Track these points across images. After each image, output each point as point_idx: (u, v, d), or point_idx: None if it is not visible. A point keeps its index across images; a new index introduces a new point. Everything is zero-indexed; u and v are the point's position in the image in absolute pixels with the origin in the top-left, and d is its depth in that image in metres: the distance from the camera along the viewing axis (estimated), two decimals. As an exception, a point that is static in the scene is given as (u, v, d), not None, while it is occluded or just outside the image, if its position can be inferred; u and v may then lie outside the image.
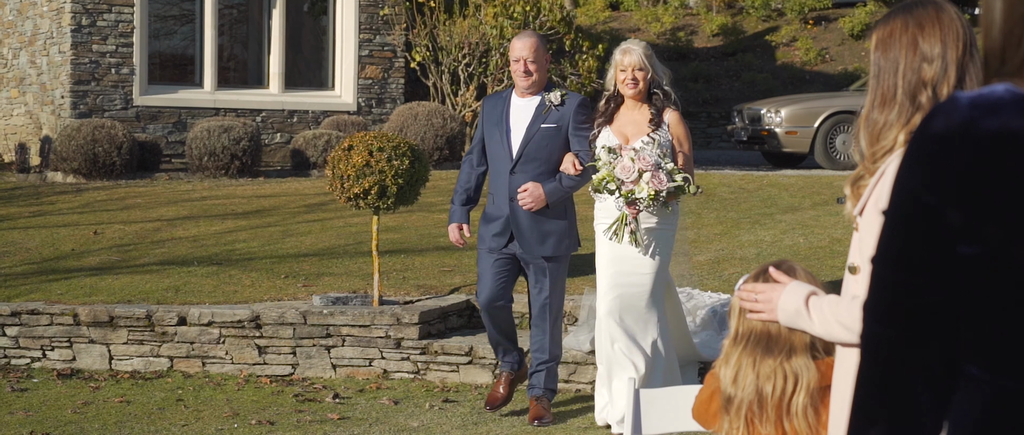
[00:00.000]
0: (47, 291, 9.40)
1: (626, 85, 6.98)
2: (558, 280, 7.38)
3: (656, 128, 6.94)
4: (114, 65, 15.41)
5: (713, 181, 13.86)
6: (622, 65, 7.01)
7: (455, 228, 7.55)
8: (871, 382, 1.94)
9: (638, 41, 7.26)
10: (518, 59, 7.26)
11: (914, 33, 2.96)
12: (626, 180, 6.66)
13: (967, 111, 1.83)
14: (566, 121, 7.23)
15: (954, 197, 1.82)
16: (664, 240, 7.05)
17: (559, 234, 7.30)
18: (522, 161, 7.26)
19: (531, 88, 7.30)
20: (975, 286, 1.84)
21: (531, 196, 7.19)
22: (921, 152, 1.86)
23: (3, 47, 17.48)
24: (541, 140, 7.25)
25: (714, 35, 28.27)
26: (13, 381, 8.40)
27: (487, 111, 7.52)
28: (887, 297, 1.92)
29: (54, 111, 15.75)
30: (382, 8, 16.54)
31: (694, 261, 9.96)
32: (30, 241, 11.08)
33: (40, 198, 13.22)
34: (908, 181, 1.88)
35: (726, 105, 23.15)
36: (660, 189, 6.65)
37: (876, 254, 1.93)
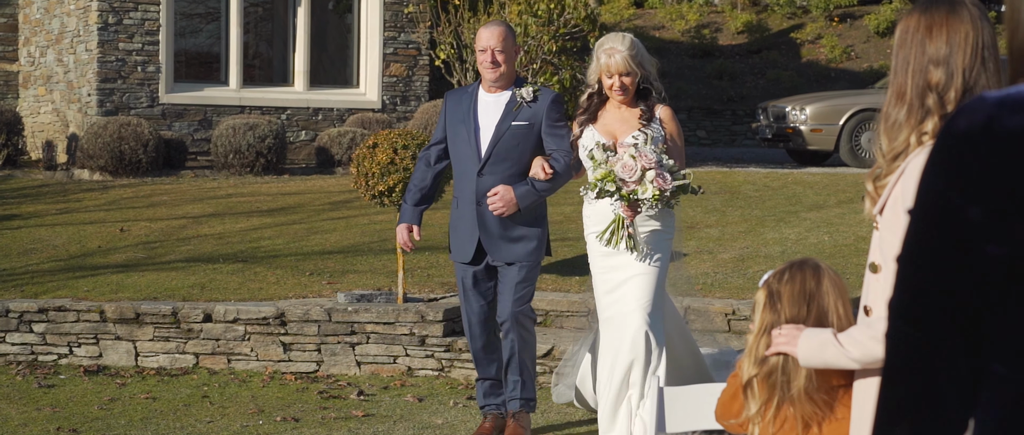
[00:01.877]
0: (74, 288, 9.45)
1: (614, 92, 6.32)
2: (527, 286, 6.79)
3: (648, 123, 6.32)
4: (140, 63, 15.47)
5: (737, 179, 13.84)
6: (607, 70, 6.31)
7: (404, 229, 6.96)
8: (897, 380, 1.95)
9: (622, 36, 6.44)
10: (484, 49, 6.67)
11: (924, 34, 2.95)
12: (628, 180, 6.06)
13: (991, 109, 1.83)
14: (539, 118, 6.66)
15: (977, 196, 1.82)
16: (663, 245, 6.46)
17: (530, 239, 6.75)
18: (491, 162, 6.68)
19: (499, 82, 6.69)
20: (1000, 284, 1.84)
21: (502, 200, 6.60)
22: (945, 151, 1.87)
23: (30, 45, 17.57)
24: (512, 139, 6.67)
25: (739, 32, 28.21)
26: (40, 377, 8.45)
27: (450, 107, 6.89)
28: (913, 296, 1.92)
29: (81, 109, 15.83)
30: (407, 6, 16.56)
31: (718, 259, 9.96)
32: (57, 238, 11.14)
33: (67, 195, 13.29)
34: (933, 180, 1.88)
35: (751, 103, 23.11)
36: (665, 188, 6.08)
37: (902, 253, 1.93)
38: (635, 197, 6.09)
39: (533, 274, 6.84)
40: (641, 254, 6.33)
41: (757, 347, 3.58)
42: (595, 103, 6.41)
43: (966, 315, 1.89)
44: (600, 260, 6.43)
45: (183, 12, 16.52)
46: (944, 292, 1.89)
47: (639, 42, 6.41)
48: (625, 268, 6.35)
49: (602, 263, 6.43)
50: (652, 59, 6.47)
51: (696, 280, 9.38)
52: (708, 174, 14.54)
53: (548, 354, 8.32)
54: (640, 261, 6.34)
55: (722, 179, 13.86)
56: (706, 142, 24.26)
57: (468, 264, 6.82)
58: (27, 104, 17.60)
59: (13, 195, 13.31)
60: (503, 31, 6.70)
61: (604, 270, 6.42)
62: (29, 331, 8.90)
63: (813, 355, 3.30)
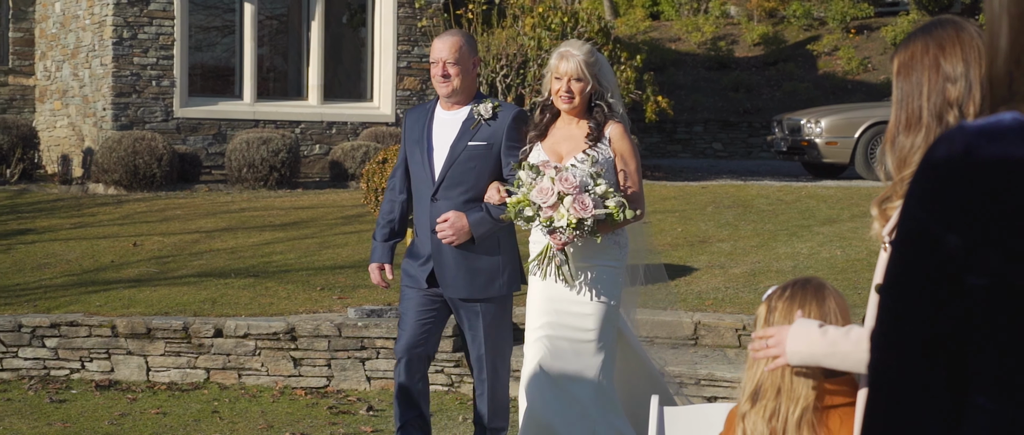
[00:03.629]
0: (86, 302, 9.48)
1: (560, 98, 5.82)
2: (495, 327, 6.11)
3: (594, 142, 5.77)
4: (155, 77, 15.53)
5: (750, 192, 13.83)
6: (557, 72, 5.82)
7: (375, 269, 6.29)
8: (878, 413, 1.94)
9: (581, 43, 6.01)
10: (436, 61, 6.01)
11: (936, 54, 2.95)
12: (543, 205, 5.48)
13: (970, 138, 1.82)
14: (498, 138, 6.01)
15: (956, 225, 1.81)
16: (608, 278, 5.78)
17: (491, 272, 6.03)
18: (445, 185, 6.02)
19: (454, 97, 6.04)
20: (982, 316, 1.83)
21: (451, 228, 5.94)
22: (925, 180, 1.86)
23: (46, 59, 17.65)
24: (468, 161, 6.01)
25: (755, 44, 28.19)
26: (52, 392, 8.48)
27: (408, 127, 6.25)
28: (894, 327, 1.91)
29: (96, 123, 15.89)
30: (420, 20, 16.59)
31: (729, 273, 9.94)
32: (70, 252, 11.18)
33: (81, 209, 13.33)
34: (913, 209, 1.88)
35: (767, 115, 23.09)
36: (583, 217, 5.45)
37: (883, 283, 1.92)
38: (552, 224, 5.52)
39: (502, 314, 6.14)
40: (578, 286, 5.74)
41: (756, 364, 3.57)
42: (547, 119, 5.92)
43: (949, 346, 1.88)
44: (540, 289, 5.85)
45: (199, 25, 16.58)
46: (925, 323, 1.88)
47: (602, 57, 6.00)
48: (566, 306, 5.78)
49: (542, 292, 5.84)
50: (614, 80, 5.97)
51: (706, 295, 9.37)
52: (721, 187, 14.53)
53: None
54: (580, 294, 5.74)
55: (735, 192, 13.84)
56: (722, 155, 24.24)
57: (420, 290, 6.14)
58: (43, 118, 17.67)
59: (28, 209, 13.36)
60: (457, 41, 6.04)
61: (544, 300, 5.83)
62: (41, 346, 8.94)
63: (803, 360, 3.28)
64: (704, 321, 8.78)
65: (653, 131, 23.64)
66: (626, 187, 5.79)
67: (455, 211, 5.96)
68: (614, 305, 5.80)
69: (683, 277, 9.88)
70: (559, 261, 5.67)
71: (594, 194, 5.51)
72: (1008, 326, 1.82)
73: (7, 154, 15.05)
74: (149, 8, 15.45)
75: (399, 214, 6.29)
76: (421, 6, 16.53)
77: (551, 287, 5.77)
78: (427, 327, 6.12)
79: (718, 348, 8.64)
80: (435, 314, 6.15)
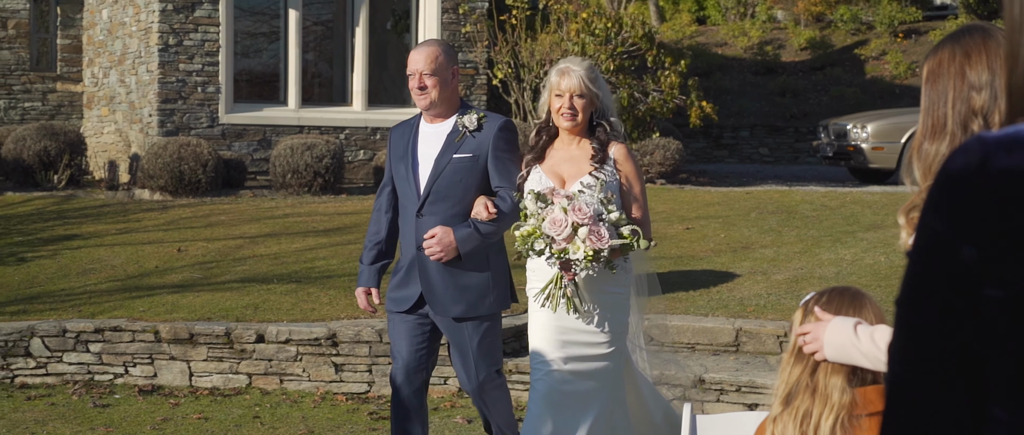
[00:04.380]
0: (130, 308, 9.55)
1: (562, 116, 5.53)
2: (487, 347, 5.85)
3: (600, 165, 5.50)
4: (200, 84, 15.63)
5: (795, 198, 13.75)
6: (558, 88, 5.55)
7: (362, 293, 6.05)
8: (896, 426, 1.92)
9: (581, 60, 5.72)
10: (412, 73, 5.76)
11: (961, 62, 2.92)
12: (557, 237, 5.21)
13: (986, 149, 1.80)
14: (484, 149, 5.74)
15: (973, 236, 1.80)
16: (616, 304, 5.57)
17: (480, 289, 5.79)
18: (430, 200, 5.77)
19: (434, 109, 5.79)
20: (1000, 327, 1.82)
21: (439, 244, 5.69)
22: (941, 191, 1.84)
23: (94, 66, 17.81)
24: (453, 174, 5.75)
25: (802, 49, 28.06)
26: (95, 397, 8.55)
27: (394, 141, 6.01)
28: (911, 340, 1.90)
29: (142, 129, 16.01)
30: (464, 26, 16.62)
31: (772, 280, 9.89)
32: (116, 258, 11.26)
33: (127, 215, 13.44)
34: (930, 220, 1.86)
35: (814, 120, 22.97)
36: (600, 248, 5.19)
37: (900, 295, 1.91)
38: (566, 257, 5.25)
39: (493, 334, 5.88)
40: (587, 316, 5.49)
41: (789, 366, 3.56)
42: (544, 140, 5.64)
43: (967, 359, 1.86)
44: (542, 319, 5.58)
45: (246, 31, 16.67)
46: (943, 335, 1.87)
47: (600, 74, 5.74)
48: (574, 336, 5.52)
49: (544, 323, 5.57)
50: (611, 97, 5.74)
51: (748, 302, 9.32)
52: (766, 193, 14.46)
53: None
54: (589, 323, 5.50)
55: (779, 198, 13.77)
56: (768, 160, 24.13)
57: (404, 313, 5.90)
58: (91, 124, 17.83)
59: (75, 215, 13.48)
60: (433, 51, 5.79)
61: (551, 330, 5.56)
62: (86, 351, 9.01)
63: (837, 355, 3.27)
64: (745, 328, 8.73)
65: (699, 136, 23.57)
66: (635, 210, 5.54)
67: (442, 226, 5.71)
68: (620, 331, 5.58)
69: (725, 283, 9.84)
70: (571, 292, 5.39)
71: (608, 223, 5.25)
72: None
73: (55, 160, 15.19)
74: (194, 15, 15.55)
75: (386, 234, 6.04)
76: (465, 12, 16.56)
77: (558, 318, 5.50)
78: (421, 353, 5.90)
79: (759, 355, 8.60)
80: (427, 337, 5.92)
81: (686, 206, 13.51)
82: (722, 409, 7.79)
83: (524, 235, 5.29)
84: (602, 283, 5.45)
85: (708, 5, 32.61)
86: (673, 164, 16.02)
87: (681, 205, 13.60)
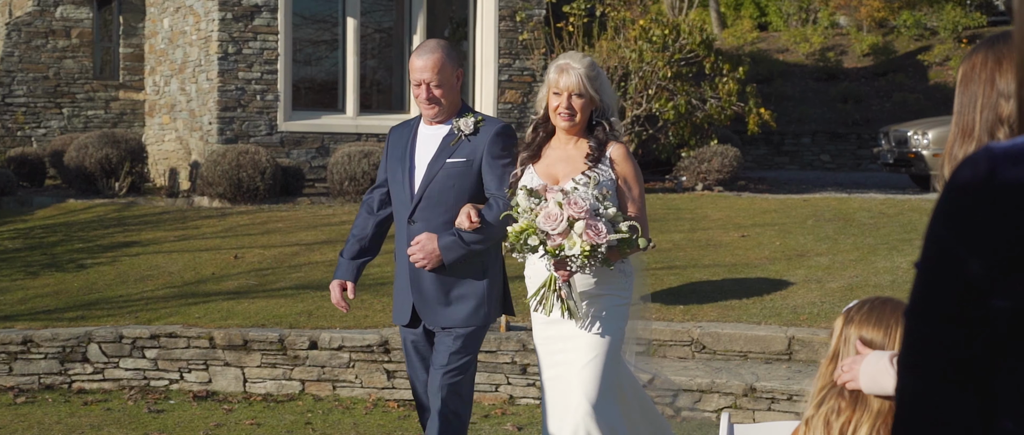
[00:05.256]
0: (186, 314, 9.64)
1: (560, 115, 5.28)
2: (463, 356, 5.56)
3: (594, 164, 5.27)
4: (259, 92, 15.75)
5: (852, 205, 13.65)
6: (555, 87, 5.29)
7: (336, 286, 5.81)
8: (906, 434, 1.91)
9: (581, 56, 5.44)
10: (419, 83, 5.51)
11: (993, 69, 2.89)
12: (552, 232, 4.95)
13: (994, 161, 1.79)
14: (479, 155, 5.48)
15: (979, 248, 1.79)
16: (614, 312, 5.28)
17: (475, 299, 5.53)
18: (422, 206, 5.53)
19: (440, 116, 5.57)
20: (1007, 338, 1.80)
21: (422, 251, 5.44)
22: (949, 202, 1.83)
23: (156, 75, 18.00)
24: (446, 179, 5.49)
25: (864, 55, 27.86)
26: (151, 402, 8.63)
27: (392, 143, 5.76)
28: (920, 351, 1.89)
29: (202, 137, 16.16)
30: (521, 33, 16.64)
31: (826, 288, 9.82)
32: (173, 265, 11.37)
33: (185, 222, 13.56)
34: (938, 232, 1.85)
35: (876, 126, 22.80)
36: (597, 243, 4.95)
37: (909, 306, 1.90)
38: (561, 253, 4.99)
39: (472, 343, 5.59)
40: (586, 325, 5.24)
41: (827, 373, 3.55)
42: (540, 137, 5.38)
43: (975, 369, 1.85)
44: (541, 328, 5.39)
45: (308, 39, 16.78)
46: (951, 346, 1.85)
47: (602, 71, 5.44)
48: (568, 343, 5.29)
49: (542, 331, 5.39)
50: (614, 97, 5.45)
51: (802, 310, 9.26)
52: (823, 200, 14.37)
53: (648, 384, 8.27)
54: (586, 335, 5.24)
55: (837, 206, 13.67)
56: (830, 167, 23.97)
57: (408, 327, 5.71)
58: (152, 132, 18.02)
59: (134, 222, 13.62)
60: (439, 58, 5.50)
61: (545, 340, 5.38)
62: (142, 357, 9.11)
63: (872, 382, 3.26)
64: (798, 336, 8.68)
65: (760, 143, 23.46)
66: (632, 211, 5.26)
67: (427, 233, 5.47)
68: (618, 341, 5.26)
69: (779, 291, 9.79)
70: (565, 294, 5.15)
71: (605, 218, 5.01)
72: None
73: (116, 167, 15.36)
74: (253, 23, 15.68)
75: (371, 233, 5.76)
76: (522, 20, 16.58)
77: (548, 327, 5.29)
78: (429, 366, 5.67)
79: (812, 363, 8.53)
80: (431, 350, 5.68)
81: (742, 213, 13.45)
82: (773, 417, 7.75)
83: (517, 232, 5.02)
84: (601, 287, 5.22)
85: (770, 11, 32.46)
86: (731, 171, 15.94)
87: (737, 212, 13.54)
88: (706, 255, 11.14)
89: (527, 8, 16.65)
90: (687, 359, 8.80)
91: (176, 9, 17.14)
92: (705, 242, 11.78)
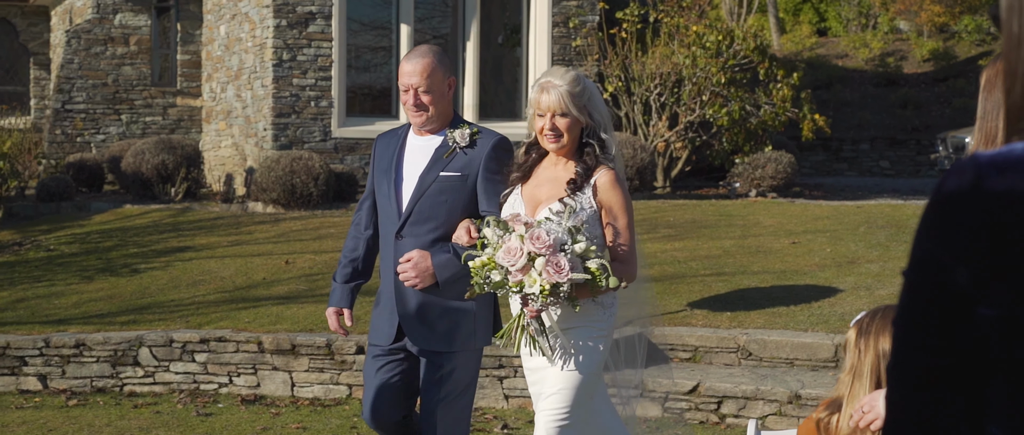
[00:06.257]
0: (236, 319, 9.73)
1: (545, 137, 4.93)
2: (458, 386, 5.20)
3: (574, 191, 4.88)
4: (313, 98, 15.86)
5: (906, 212, 13.55)
6: (538, 108, 4.94)
7: (332, 314, 5.45)
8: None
9: (565, 71, 5.05)
10: (407, 88, 5.17)
11: None
12: (511, 268, 4.60)
13: (979, 170, 1.79)
14: (475, 168, 5.14)
15: (965, 257, 1.78)
16: (587, 346, 4.88)
17: (463, 322, 5.18)
18: (411, 221, 5.16)
19: (428, 125, 5.22)
20: (993, 346, 1.80)
21: (414, 268, 5.05)
22: (935, 211, 1.83)
23: (212, 81, 18.18)
24: (438, 193, 5.14)
25: (925, 60, 27.65)
26: (199, 406, 8.72)
27: (378, 154, 5.40)
28: (908, 359, 1.89)
29: (257, 143, 16.30)
30: (574, 39, 16.66)
31: (875, 295, 9.76)
32: (225, 270, 11.48)
33: (239, 228, 13.68)
34: (924, 240, 1.85)
35: (936, 132, 22.61)
36: (558, 282, 4.57)
37: (896, 315, 1.90)
38: (522, 291, 4.64)
39: (470, 372, 5.26)
40: (557, 359, 4.88)
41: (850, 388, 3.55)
42: (532, 158, 5.05)
43: (963, 377, 1.85)
44: (524, 360, 5.09)
45: (365, 46, 16.89)
46: (939, 354, 1.85)
47: (590, 83, 5.06)
48: (540, 375, 4.98)
49: (525, 364, 5.08)
50: (606, 113, 5.04)
51: (850, 317, 9.20)
52: (877, 207, 14.27)
53: (693, 390, 8.26)
54: (554, 369, 4.90)
55: (891, 212, 13.58)
56: (888, 173, 23.79)
57: (385, 349, 5.30)
58: (209, 138, 18.20)
59: (189, 227, 13.76)
60: (429, 63, 5.18)
61: (528, 372, 5.07)
62: (192, 361, 9.21)
63: None
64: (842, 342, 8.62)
65: (818, 149, 23.33)
66: (616, 245, 4.87)
67: (419, 250, 5.09)
68: (590, 377, 4.88)
69: (827, 298, 9.73)
70: (534, 330, 4.80)
71: (571, 254, 4.63)
72: (1019, 357, 1.78)
73: (172, 173, 15.53)
74: (308, 30, 15.79)
75: (363, 252, 5.39)
76: (575, 26, 16.59)
77: (528, 360, 4.99)
78: (393, 392, 5.27)
79: (859, 371, 8.48)
80: (401, 375, 5.29)
81: (794, 220, 13.38)
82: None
83: (478, 267, 4.67)
84: (574, 320, 4.85)
85: (829, 17, 32.27)
86: (785, 177, 15.86)
87: (789, 219, 13.47)
88: (756, 262, 11.10)
89: (580, 14, 16.66)
90: (733, 366, 8.77)
91: (232, 16, 17.30)
92: (755, 249, 11.74)
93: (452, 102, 5.28)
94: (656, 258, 11.23)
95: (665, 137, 16.33)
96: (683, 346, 8.93)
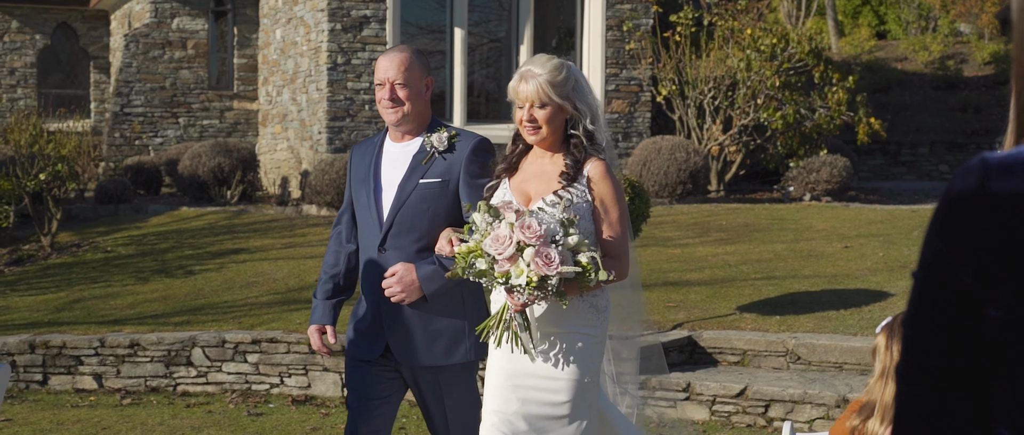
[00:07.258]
0: (287, 320, 9.81)
1: (524, 128, 4.65)
2: (462, 400, 5.00)
3: (569, 183, 4.60)
4: (367, 101, 15.94)
5: (962, 216, 13.45)
6: (517, 98, 4.64)
7: (314, 332, 5.21)
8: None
9: (547, 59, 4.70)
10: (382, 82, 4.95)
11: None
12: (498, 256, 4.33)
13: (987, 171, 1.80)
14: (455, 173, 4.90)
15: (971, 258, 1.79)
16: (581, 349, 4.57)
17: (453, 335, 4.92)
18: (393, 233, 4.91)
19: (404, 125, 4.96)
20: (1001, 347, 1.81)
21: (400, 283, 4.80)
22: (943, 213, 1.84)
23: (268, 85, 18.32)
24: (420, 202, 4.90)
25: (985, 63, 27.37)
26: (251, 406, 8.81)
27: (354, 164, 5.14)
28: (917, 360, 1.90)
29: (312, 146, 16.41)
30: (628, 43, 16.65)
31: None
32: (278, 272, 11.57)
33: (293, 230, 13.78)
34: (933, 242, 1.86)
35: (996, 136, 22.39)
36: (547, 274, 4.28)
37: (905, 315, 1.91)
38: (508, 282, 4.35)
39: (469, 384, 5.04)
40: (544, 356, 4.57)
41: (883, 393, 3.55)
42: (519, 150, 4.75)
43: (972, 378, 1.85)
44: (499, 360, 4.67)
45: (420, 49, 16.95)
46: (947, 355, 1.86)
47: (576, 70, 4.77)
48: (529, 373, 4.60)
49: (501, 365, 4.66)
50: (594, 103, 4.74)
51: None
52: (928, 210, 14.16)
53: (741, 394, 8.24)
54: (549, 364, 4.57)
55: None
56: (948, 177, 23.55)
57: (367, 363, 5.06)
58: (265, 141, 18.34)
59: (244, 230, 13.88)
60: (405, 58, 4.97)
61: (505, 375, 4.63)
62: (243, 361, 9.30)
63: None
64: (895, 348, 8.57)
65: (876, 153, 23.16)
66: (608, 238, 4.60)
67: (404, 263, 4.83)
68: (589, 381, 4.57)
69: (877, 303, 9.68)
70: (517, 325, 4.51)
71: (563, 246, 4.36)
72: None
73: (228, 176, 15.66)
74: (362, 34, 15.89)
75: (345, 267, 5.16)
76: (629, 29, 16.59)
77: (511, 360, 4.59)
78: (377, 408, 5.04)
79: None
80: (385, 389, 5.06)
81: (848, 224, 13.31)
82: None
83: (464, 252, 4.40)
84: (565, 321, 4.56)
85: (889, 19, 32.04)
86: (840, 181, 15.77)
87: (842, 223, 13.40)
88: (807, 266, 11.05)
89: (634, 18, 16.65)
90: (781, 370, 8.74)
91: (288, 20, 17.43)
92: (807, 253, 11.69)
93: (429, 105, 5.04)
94: (707, 262, 11.21)
95: (719, 141, 16.29)
96: (731, 350, 8.92)
